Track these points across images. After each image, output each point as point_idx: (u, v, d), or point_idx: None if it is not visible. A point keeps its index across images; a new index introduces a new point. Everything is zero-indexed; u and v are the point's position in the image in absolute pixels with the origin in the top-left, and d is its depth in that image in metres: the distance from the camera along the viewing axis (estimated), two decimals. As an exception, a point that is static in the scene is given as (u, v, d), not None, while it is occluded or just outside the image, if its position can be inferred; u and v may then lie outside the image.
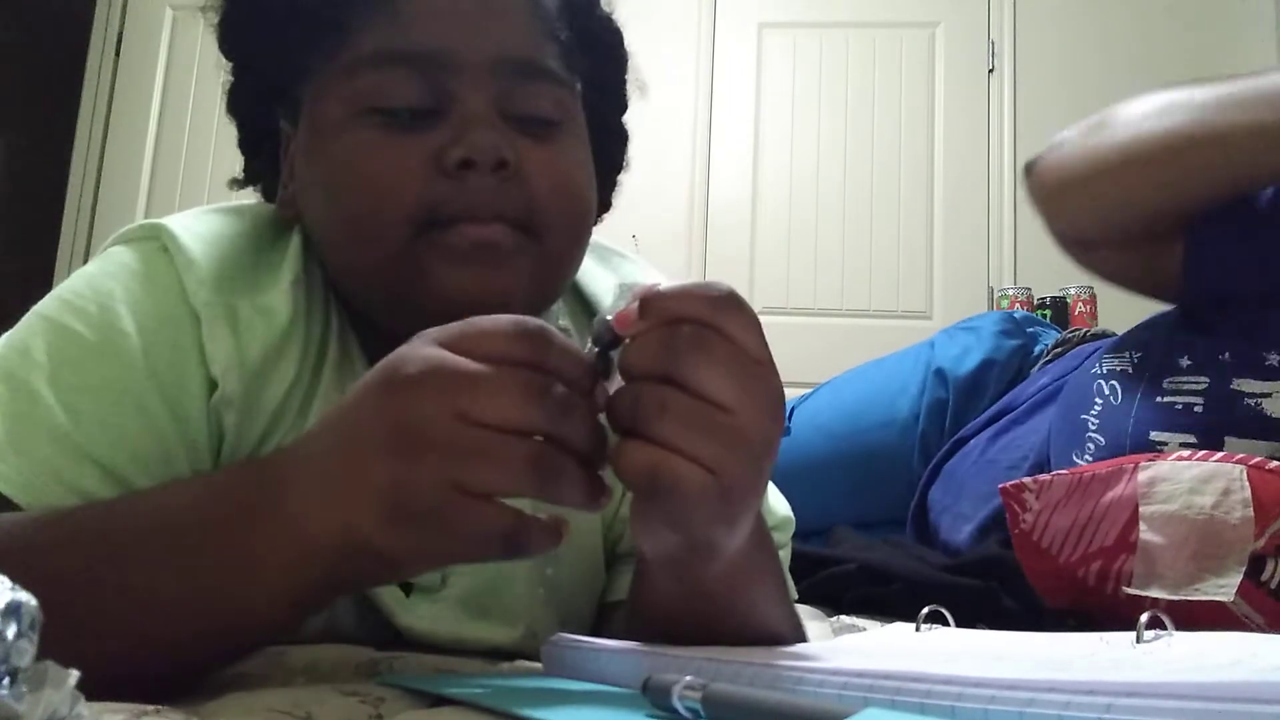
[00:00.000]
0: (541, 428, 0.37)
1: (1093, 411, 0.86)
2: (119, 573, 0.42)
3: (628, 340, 0.39)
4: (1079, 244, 0.92)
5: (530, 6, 0.56)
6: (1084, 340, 1.12)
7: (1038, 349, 1.17)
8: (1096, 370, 0.89)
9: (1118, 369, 0.87)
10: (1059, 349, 1.13)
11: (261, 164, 0.62)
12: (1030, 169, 0.93)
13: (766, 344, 0.39)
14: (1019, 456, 0.96)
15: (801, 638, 0.54)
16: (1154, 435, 0.79)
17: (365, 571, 0.42)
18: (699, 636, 0.45)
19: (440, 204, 0.51)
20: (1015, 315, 1.26)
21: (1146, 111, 0.87)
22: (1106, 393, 0.86)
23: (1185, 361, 0.81)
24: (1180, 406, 0.79)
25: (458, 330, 0.39)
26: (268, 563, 0.41)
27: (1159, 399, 0.80)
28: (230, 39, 0.59)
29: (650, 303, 0.38)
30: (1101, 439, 0.83)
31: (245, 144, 0.62)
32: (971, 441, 1.06)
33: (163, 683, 0.42)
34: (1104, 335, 1.12)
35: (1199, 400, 0.78)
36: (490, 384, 0.37)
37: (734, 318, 0.38)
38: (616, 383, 0.40)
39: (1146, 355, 0.86)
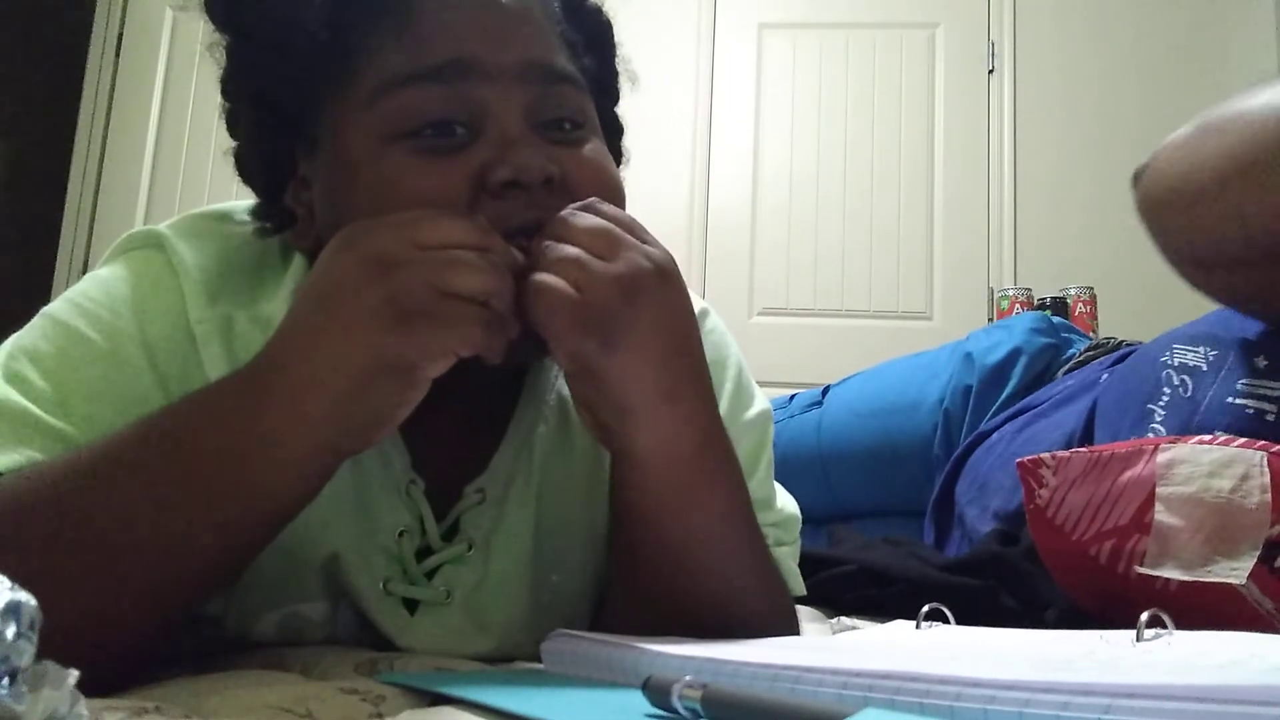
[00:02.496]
0: (493, 293, 0.45)
1: (1160, 402, 0.83)
2: (120, 490, 0.44)
3: None
4: (1196, 264, 0.79)
5: (541, 11, 0.56)
6: (1118, 347, 1.13)
7: (1070, 352, 1.18)
8: (1167, 359, 0.85)
9: (1190, 363, 0.83)
10: (1092, 352, 1.14)
11: (283, 210, 0.59)
12: (1138, 178, 0.82)
13: (638, 226, 0.50)
14: (1044, 451, 0.95)
15: (773, 591, 0.58)
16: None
17: (381, 393, 0.45)
18: (649, 556, 0.52)
19: (489, 222, 0.50)
20: (1052, 319, 1.27)
21: (1266, 106, 0.72)
22: (1176, 384, 0.82)
23: (1262, 362, 0.76)
24: (1251, 411, 0.74)
25: (420, 220, 0.46)
26: (279, 432, 0.44)
27: (1229, 399, 0.76)
28: (240, 78, 0.57)
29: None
30: (1164, 430, 0.81)
31: (265, 190, 0.58)
32: (995, 434, 1.06)
33: (172, 618, 0.46)
34: (1137, 346, 1.12)
35: (1273, 408, 0.73)
36: (465, 264, 0.45)
37: (594, 208, 0.49)
38: None
39: (1222, 352, 0.81)
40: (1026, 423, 1.03)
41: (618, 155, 0.64)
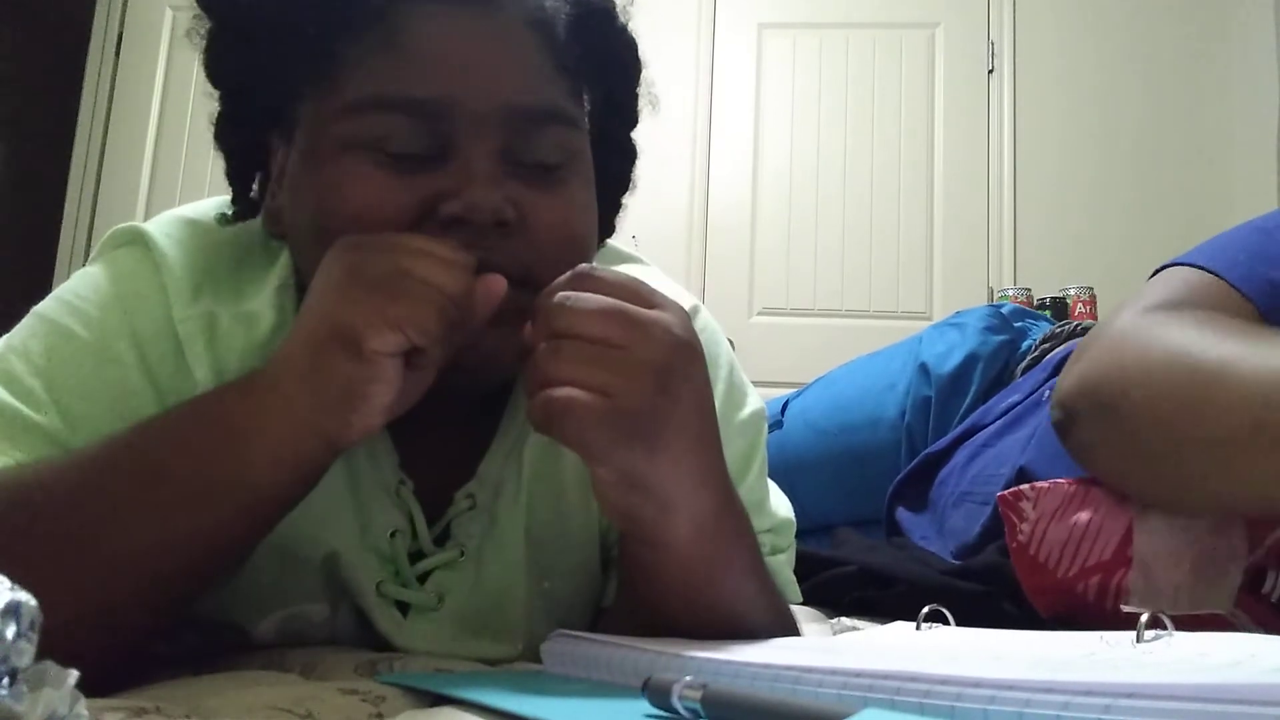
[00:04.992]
0: (454, 294, 0.45)
1: None
2: (110, 487, 0.44)
3: None
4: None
5: (538, 41, 0.53)
6: (1073, 335, 1.11)
7: (1025, 344, 1.17)
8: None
9: None
10: (1047, 344, 1.13)
11: (249, 199, 0.58)
12: (1065, 434, 0.70)
13: (642, 288, 0.46)
14: (991, 491, 0.91)
15: (785, 626, 0.56)
16: None
17: (338, 365, 0.44)
18: (672, 616, 0.49)
19: None
20: (1003, 310, 1.24)
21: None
22: None
23: None
24: None
25: (410, 235, 0.47)
26: (259, 416, 0.45)
27: None
28: (219, 65, 0.55)
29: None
30: None
31: (234, 174, 0.58)
32: (946, 468, 1.05)
33: (164, 613, 0.46)
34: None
35: None
36: (433, 257, 0.45)
37: (589, 282, 0.45)
38: None
39: None
40: (973, 454, 1.01)
41: (625, 182, 0.63)
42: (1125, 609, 0.66)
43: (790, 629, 0.58)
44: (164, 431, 0.46)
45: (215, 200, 0.60)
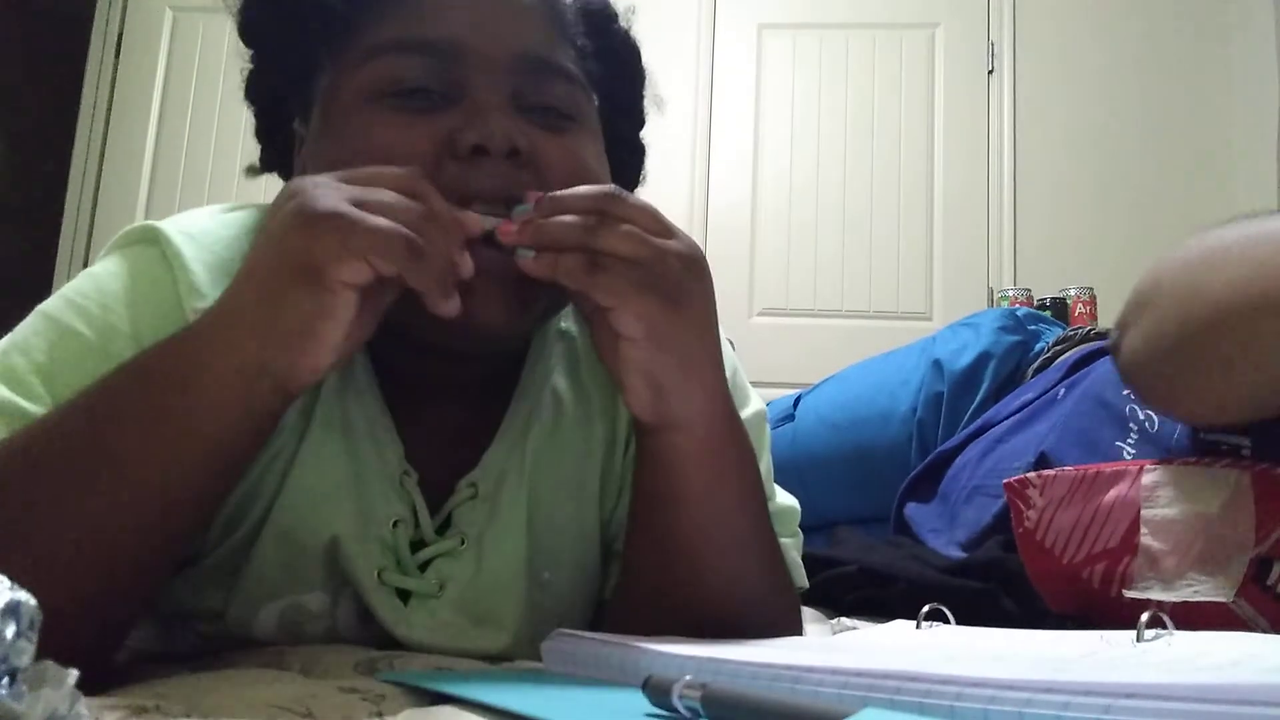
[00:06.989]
0: (411, 223, 0.44)
1: (1129, 440, 0.80)
2: (69, 438, 0.44)
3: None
4: (1222, 426, 0.70)
5: (547, 11, 0.57)
6: (1086, 339, 1.12)
7: (1038, 346, 1.17)
8: (1130, 393, 0.80)
9: None
10: (1060, 346, 1.13)
11: (275, 155, 0.63)
12: (1117, 350, 0.72)
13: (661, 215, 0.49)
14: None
15: (777, 574, 0.58)
16: None
17: (295, 299, 0.43)
18: (668, 526, 0.52)
19: (450, 186, 0.51)
20: (1017, 312, 1.26)
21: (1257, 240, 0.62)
22: (1142, 418, 0.80)
23: None
24: (1225, 447, 0.70)
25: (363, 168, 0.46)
26: (204, 354, 0.44)
27: (1203, 434, 0.72)
28: (248, 27, 0.60)
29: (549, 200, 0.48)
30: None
31: (261, 132, 0.62)
32: (957, 462, 1.05)
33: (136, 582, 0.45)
34: (1106, 334, 1.11)
35: (1248, 441, 0.68)
36: (382, 183, 0.45)
37: (624, 204, 0.48)
38: None
39: None
40: (987, 449, 1.01)
41: (635, 179, 0.65)
42: (1128, 594, 0.66)
43: (789, 595, 0.59)
44: (119, 385, 0.45)
45: (232, 205, 0.61)
